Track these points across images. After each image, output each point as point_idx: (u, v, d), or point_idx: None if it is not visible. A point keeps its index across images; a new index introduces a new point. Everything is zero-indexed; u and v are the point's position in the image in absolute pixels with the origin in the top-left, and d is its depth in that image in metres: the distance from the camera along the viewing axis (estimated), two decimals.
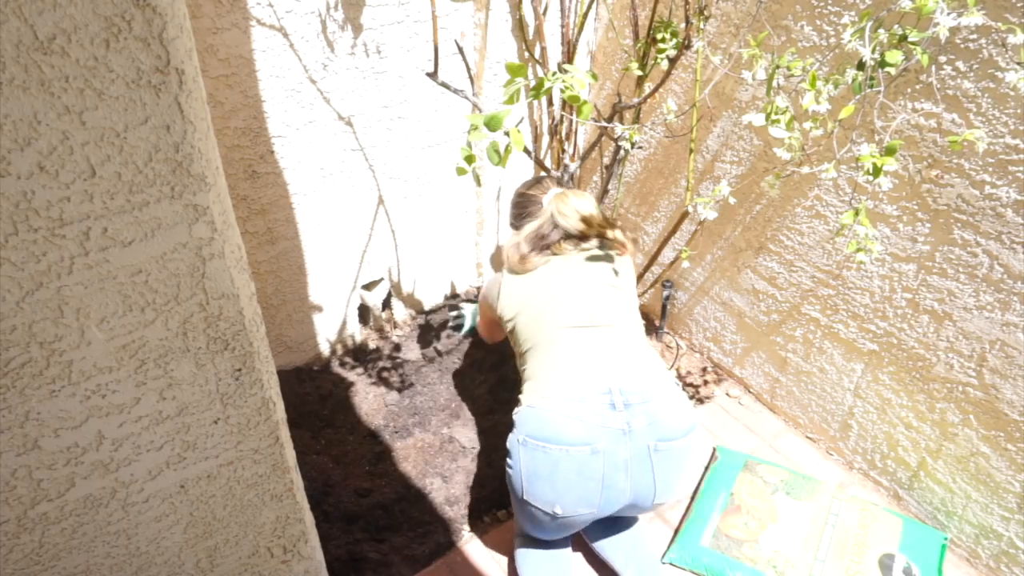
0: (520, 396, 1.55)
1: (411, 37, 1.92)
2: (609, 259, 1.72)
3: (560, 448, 1.40)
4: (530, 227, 1.75)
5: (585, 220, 1.71)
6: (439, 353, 2.39)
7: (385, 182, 2.15)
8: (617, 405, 1.43)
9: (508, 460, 1.49)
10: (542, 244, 1.72)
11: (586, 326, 1.58)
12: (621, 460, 1.42)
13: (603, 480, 1.42)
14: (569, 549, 1.66)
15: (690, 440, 1.48)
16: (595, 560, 1.71)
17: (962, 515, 1.76)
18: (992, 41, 1.36)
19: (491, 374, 2.28)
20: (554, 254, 1.71)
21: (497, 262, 2.64)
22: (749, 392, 2.27)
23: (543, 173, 2.17)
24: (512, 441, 1.48)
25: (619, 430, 1.41)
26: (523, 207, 1.83)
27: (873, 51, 1.19)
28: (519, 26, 2.09)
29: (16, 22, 0.57)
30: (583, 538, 1.72)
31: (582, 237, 1.72)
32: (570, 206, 1.72)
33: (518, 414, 1.50)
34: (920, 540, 1.74)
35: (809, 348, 1.99)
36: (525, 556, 1.63)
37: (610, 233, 1.75)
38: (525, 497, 1.46)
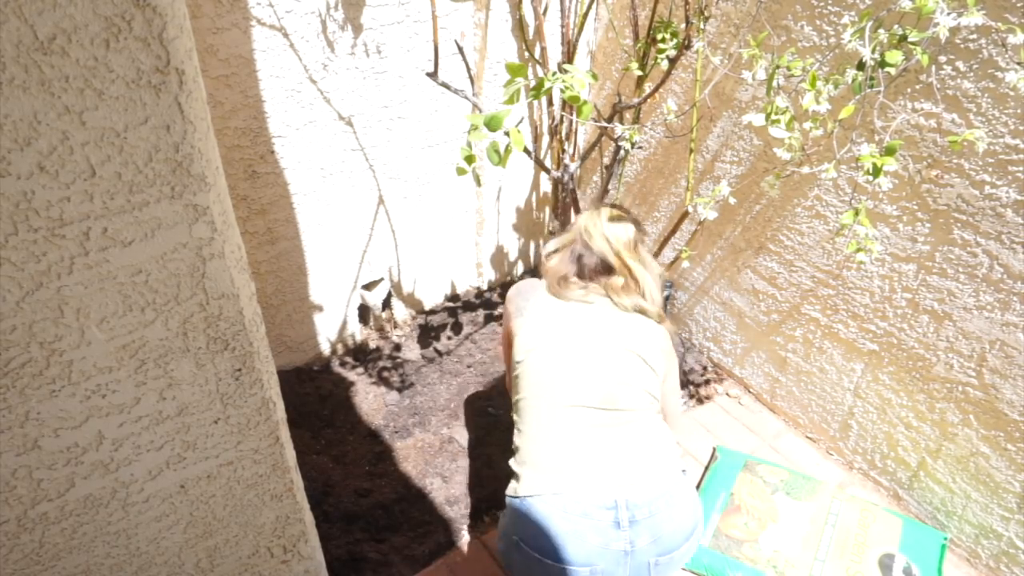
0: (514, 469, 1.43)
1: (411, 37, 1.92)
2: (647, 325, 1.55)
3: (558, 567, 1.33)
4: (563, 239, 1.64)
5: (612, 249, 1.59)
6: (439, 353, 2.39)
7: (385, 182, 2.15)
8: (622, 523, 1.32)
9: (500, 545, 1.42)
10: (581, 269, 1.59)
11: (599, 409, 1.43)
12: None
13: None
14: None
15: (690, 544, 1.42)
16: None
17: (962, 515, 1.76)
18: (992, 41, 1.36)
19: (490, 375, 2.29)
20: (588, 292, 1.56)
21: (497, 261, 2.64)
22: (749, 392, 2.27)
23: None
24: (506, 535, 1.39)
25: (621, 551, 1.33)
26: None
27: (873, 51, 1.19)
28: (519, 26, 2.09)
29: (16, 22, 0.57)
30: None
31: (608, 269, 1.59)
32: (598, 229, 1.60)
33: (512, 503, 1.38)
34: (920, 540, 1.74)
35: (809, 348, 1.99)
36: None
37: (637, 271, 1.59)
38: None
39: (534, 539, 1.33)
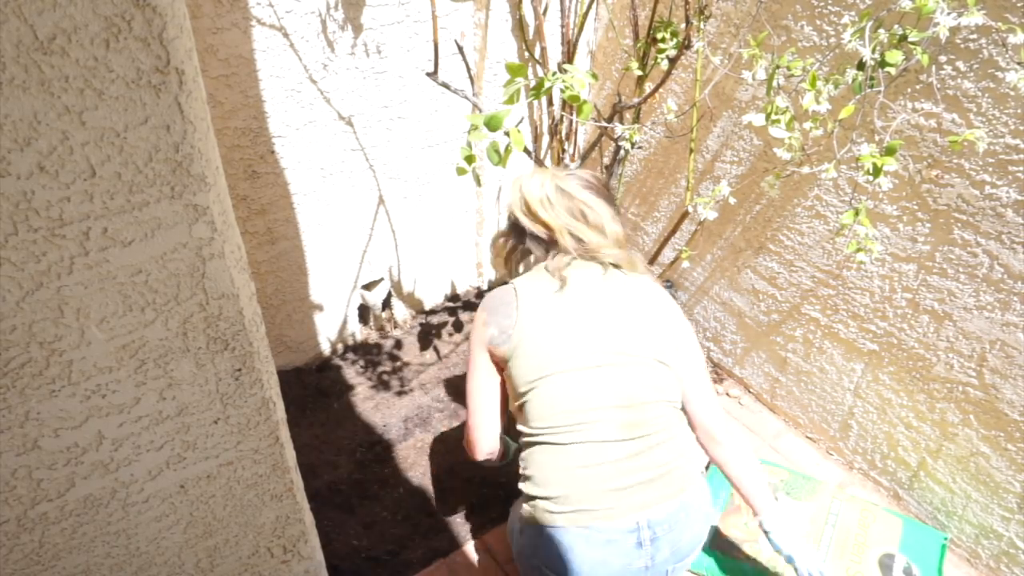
0: (529, 492, 1.36)
1: (411, 37, 1.92)
2: (638, 294, 1.41)
3: None
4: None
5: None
6: (439, 353, 2.39)
7: (385, 182, 2.15)
8: (644, 543, 1.31)
9: (519, 563, 1.42)
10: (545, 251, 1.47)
11: (621, 441, 1.34)
12: None
13: None
14: None
15: (702, 544, 1.42)
16: None
17: (962, 515, 1.76)
18: (992, 41, 1.36)
19: None
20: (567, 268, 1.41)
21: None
22: (749, 392, 2.27)
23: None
24: (524, 557, 1.38)
25: (642, 567, 1.32)
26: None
27: (873, 51, 1.19)
28: (519, 26, 2.09)
29: (16, 22, 0.57)
30: None
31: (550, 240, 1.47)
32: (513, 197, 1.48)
33: (530, 529, 1.34)
34: (920, 540, 1.74)
35: (809, 348, 1.99)
36: None
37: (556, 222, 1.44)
38: None
39: (557, 566, 1.32)
